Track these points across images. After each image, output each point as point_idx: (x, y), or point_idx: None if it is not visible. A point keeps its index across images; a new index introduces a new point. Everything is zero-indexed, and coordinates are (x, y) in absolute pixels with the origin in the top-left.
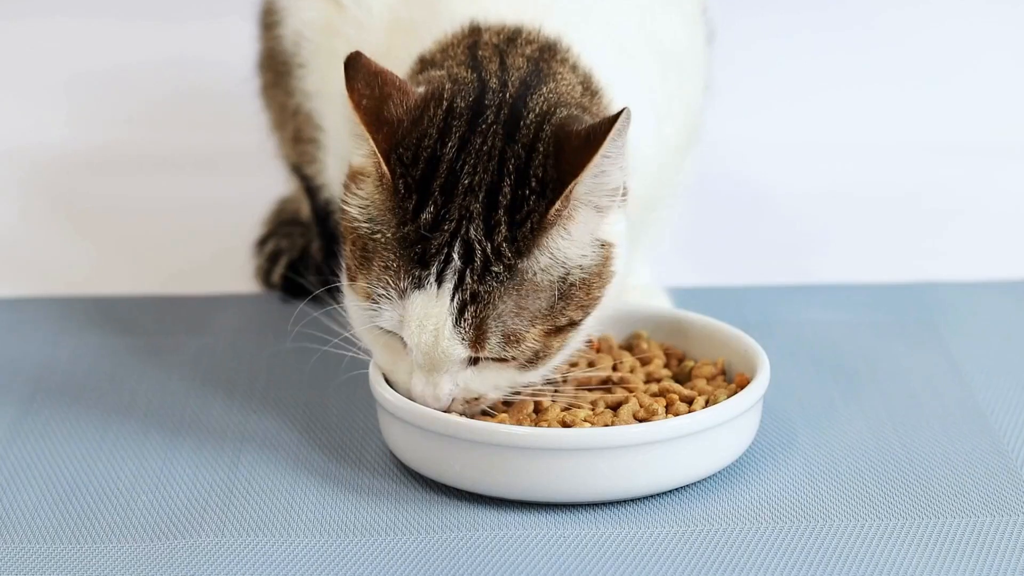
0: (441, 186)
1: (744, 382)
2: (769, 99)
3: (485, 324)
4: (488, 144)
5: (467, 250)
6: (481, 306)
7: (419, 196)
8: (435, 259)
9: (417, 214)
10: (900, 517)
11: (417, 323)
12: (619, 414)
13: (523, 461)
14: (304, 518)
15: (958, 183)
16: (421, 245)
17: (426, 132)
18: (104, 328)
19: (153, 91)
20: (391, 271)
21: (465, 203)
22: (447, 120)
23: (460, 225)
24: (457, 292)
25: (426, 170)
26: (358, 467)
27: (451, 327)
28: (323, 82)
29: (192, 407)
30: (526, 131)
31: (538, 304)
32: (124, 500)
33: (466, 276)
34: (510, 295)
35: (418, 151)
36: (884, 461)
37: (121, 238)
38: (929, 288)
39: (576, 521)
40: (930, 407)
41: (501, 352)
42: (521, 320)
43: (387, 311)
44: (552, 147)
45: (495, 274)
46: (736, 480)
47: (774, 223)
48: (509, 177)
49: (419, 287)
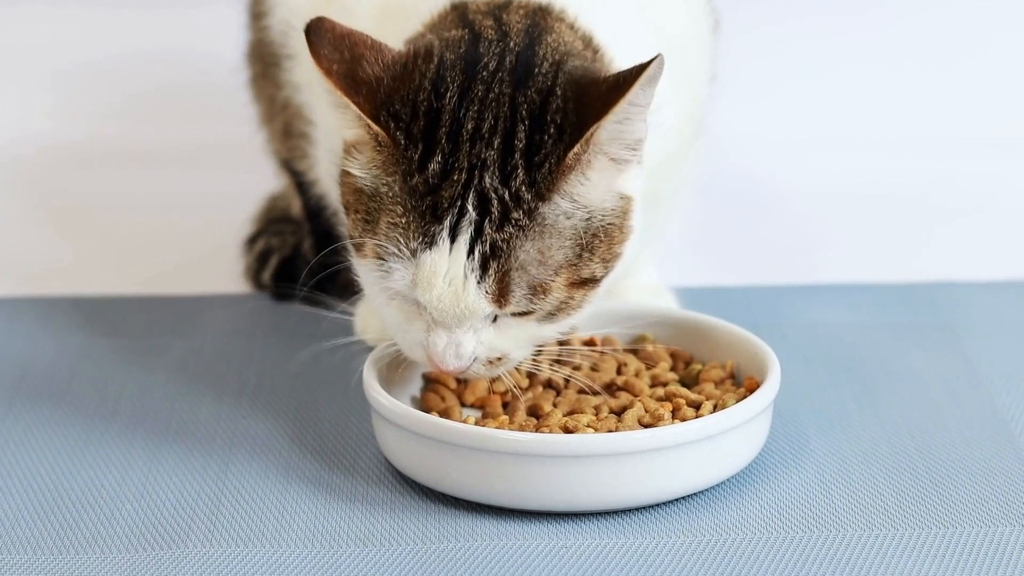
0: (447, 135)
1: (754, 386)
2: (780, 94)
3: (509, 277)
4: (494, 92)
5: (482, 200)
6: (504, 259)
7: (424, 146)
8: (448, 211)
9: (424, 164)
10: (916, 527)
11: (430, 281)
12: (623, 419)
13: (524, 468)
14: (295, 528)
15: (975, 179)
16: (432, 197)
17: (419, 85)
18: (87, 330)
19: (137, 83)
20: (400, 227)
21: (476, 151)
22: (439, 72)
23: (472, 174)
24: (476, 246)
25: (427, 122)
26: (352, 474)
27: (474, 283)
28: (313, 73)
29: (179, 412)
30: (541, 78)
31: (563, 252)
32: (108, 509)
33: (484, 228)
34: (533, 242)
35: (415, 105)
36: (899, 468)
37: (105, 236)
38: (945, 288)
39: (579, 531)
40: (947, 411)
41: (527, 305)
42: (546, 269)
43: (398, 270)
44: (572, 92)
45: (515, 221)
46: (745, 488)
47: (785, 220)
48: (523, 123)
49: (432, 243)
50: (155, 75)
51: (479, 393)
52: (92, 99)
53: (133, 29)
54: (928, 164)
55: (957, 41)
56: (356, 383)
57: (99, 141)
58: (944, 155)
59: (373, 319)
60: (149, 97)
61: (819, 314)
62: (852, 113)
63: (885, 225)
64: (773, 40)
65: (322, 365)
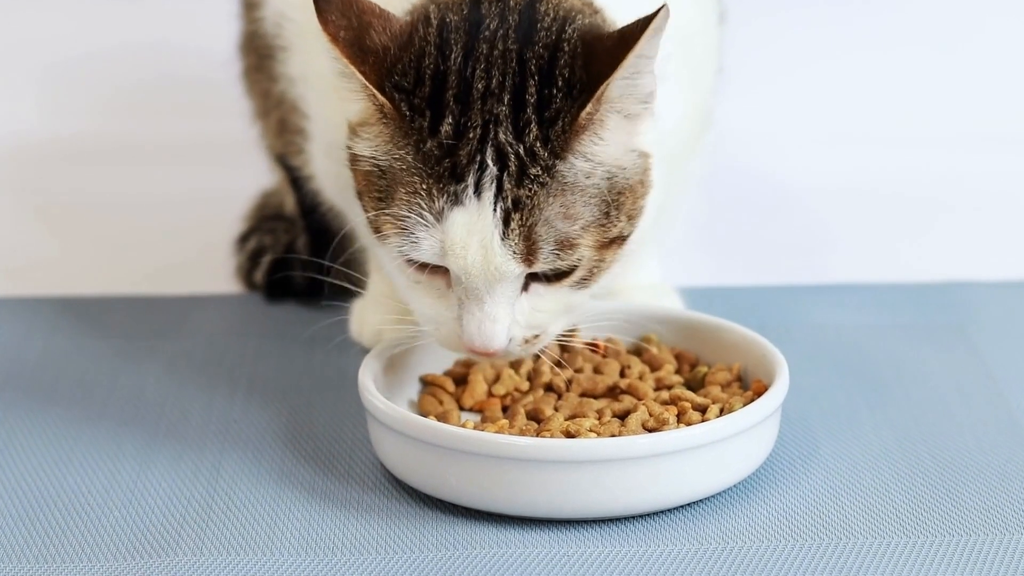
0: (455, 96)
1: (761, 389)
2: (788, 89)
3: (534, 232)
4: (499, 48)
5: (500, 154)
6: (526, 212)
7: (432, 111)
8: (468, 169)
9: (436, 128)
10: (929, 534)
11: (461, 243)
12: (627, 424)
13: (524, 474)
14: (289, 535)
15: (989, 176)
16: (450, 158)
17: (422, 51)
18: (73, 330)
19: (126, 77)
20: (421, 194)
21: (487, 107)
22: (442, 35)
23: (487, 129)
24: (498, 200)
25: (433, 85)
26: (347, 480)
27: (499, 240)
28: (307, 66)
29: (168, 415)
30: (546, 33)
31: (588, 210)
32: (95, 515)
33: (504, 182)
34: (555, 198)
35: (419, 70)
36: (911, 474)
37: (92, 233)
38: (959, 288)
39: (581, 539)
40: (961, 415)
41: (555, 262)
42: (571, 225)
43: (425, 239)
44: (580, 48)
45: (534, 176)
46: (753, 494)
47: (793, 219)
48: (532, 78)
49: (457, 203)
50: (144, 68)
51: (477, 397)
52: (79, 94)
53: (121, 20)
54: (941, 161)
55: (973, 35)
56: (351, 386)
57: (87, 137)
58: (957, 152)
59: (369, 320)
60: (138, 91)
61: (828, 315)
62: (862, 109)
63: (896, 223)
64: (781, 32)
65: (317, 367)
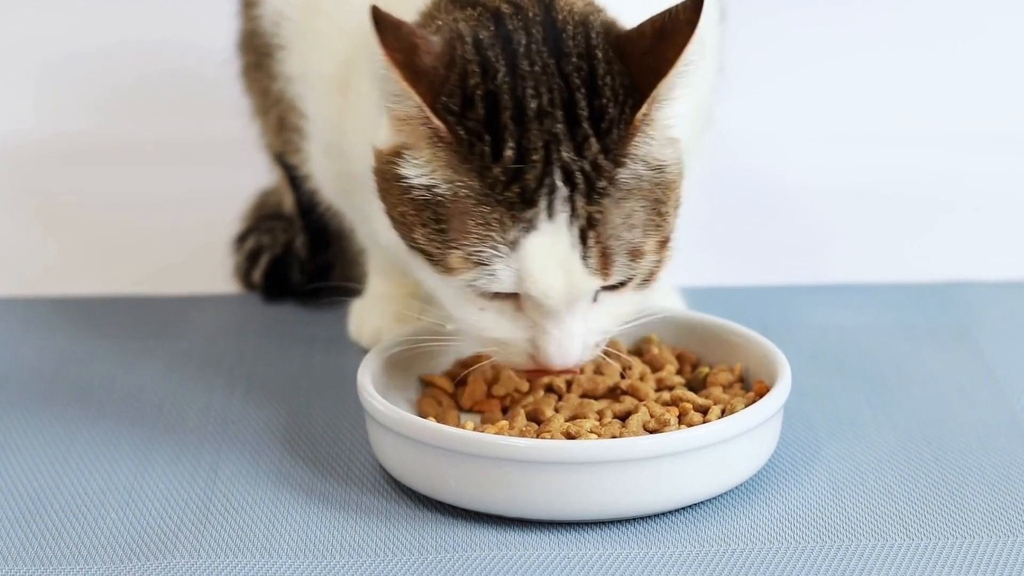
0: (512, 117)
1: (763, 390)
2: (789, 88)
3: (608, 247)
4: (539, 64)
5: (567, 173)
6: (600, 228)
7: (492, 135)
8: (539, 192)
9: (498, 152)
10: (932, 536)
11: (541, 269)
12: (627, 425)
13: (524, 476)
14: (287, 537)
15: (991, 176)
16: (517, 184)
17: (466, 71)
18: (71, 331)
19: (123, 75)
20: (493, 225)
21: (545, 127)
22: (481, 53)
23: (549, 150)
24: (574, 220)
25: (487, 107)
26: (345, 482)
27: (580, 260)
28: (305, 65)
29: (166, 416)
30: (573, 43)
31: (646, 212)
32: (92, 517)
33: (576, 200)
34: (622, 209)
35: (467, 92)
36: (914, 475)
37: (90, 234)
38: (962, 288)
39: (582, 541)
40: (964, 416)
41: (628, 272)
42: (638, 233)
43: (502, 270)
44: (612, 52)
45: (602, 191)
46: (754, 496)
47: (795, 218)
48: (579, 91)
49: (531, 228)
50: (143, 67)
51: (477, 397)
52: (77, 93)
53: (120, 19)
54: (942, 160)
55: (974, 34)
56: (350, 386)
57: (84, 136)
58: (959, 151)
59: (368, 320)
60: (136, 90)
61: (830, 315)
62: (864, 108)
63: (898, 223)
64: (782, 32)
65: (315, 368)
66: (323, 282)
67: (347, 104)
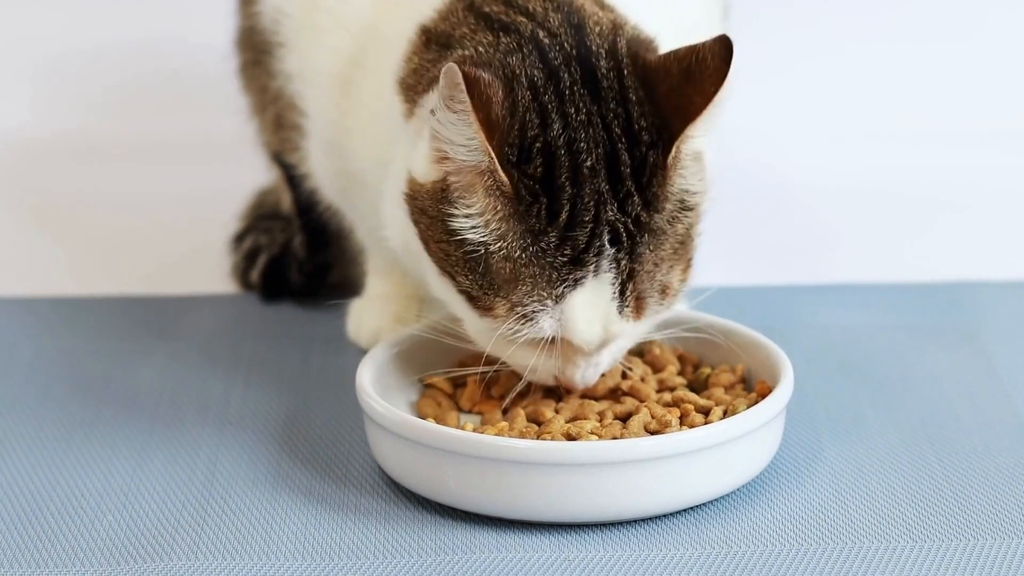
0: (568, 177)
1: (765, 391)
2: (792, 85)
3: (643, 292)
4: (583, 112)
5: (613, 233)
6: (637, 279)
7: (547, 195)
8: (587, 254)
9: (553, 218)
10: (936, 538)
11: (584, 320)
12: (628, 426)
13: (524, 477)
14: (285, 540)
15: (996, 175)
16: (569, 246)
17: (525, 121)
18: (67, 332)
19: (120, 73)
20: (541, 284)
21: (595, 186)
22: (537, 99)
23: (599, 210)
24: (617, 277)
25: (543, 162)
26: (344, 483)
27: (616, 310)
28: (305, 62)
29: (163, 418)
30: (607, 82)
31: (676, 246)
32: (88, 519)
33: (621, 259)
34: (656, 253)
35: (525, 142)
36: (918, 476)
37: (85, 234)
38: (966, 288)
39: (582, 543)
40: (968, 417)
41: (658, 310)
42: (666, 269)
43: (545, 322)
44: (642, 89)
45: (642, 243)
46: (757, 498)
47: (798, 217)
48: (620, 141)
49: (577, 286)
50: (138, 64)
51: (476, 399)
52: (72, 90)
53: (115, 16)
54: (948, 159)
55: (981, 30)
56: (349, 387)
57: (79, 134)
58: (964, 150)
59: (367, 321)
60: (131, 88)
61: (834, 315)
62: (868, 106)
63: (903, 223)
64: (782, 27)
65: (314, 369)
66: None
67: (349, 102)
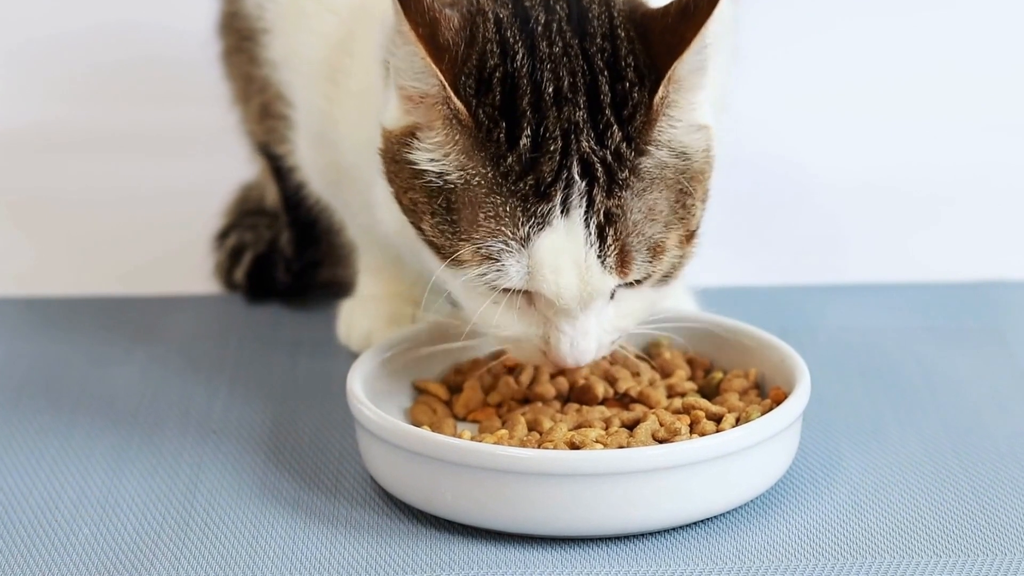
0: (530, 103)
1: (780, 397)
2: (809, 76)
3: (628, 243)
4: (559, 45)
5: (585, 165)
6: (619, 223)
7: (507, 121)
8: (554, 186)
9: (513, 141)
10: (960, 553)
11: (552, 267)
12: (636, 434)
13: (525, 488)
14: (271, 554)
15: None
16: (532, 175)
17: (485, 51)
18: (41, 334)
19: (94, 59)
20: (504, 217)
21: (564, 115)
22: (500, 32)
23: (568, 139)
24: (590, 216)
25: (503, 91)
26: (334, 495)
27: (595, 258)
28: (291, 49)
29: (142, 425)
30: (597, 21)
31: (669, 204)
32: (63, 532)
33: (595, 195)
34: (643, 201)
35: (483, 73)
36: (942, 487)
37: (59, 231)
38: (993, 287)
39: (586, 558)
40: (995, 425)
41: (647, 270)
42: (659, 227)
43: (511, 266)
44: (634, 31)
45: (623, 183)
46: (771, 510)
47: (815, 214)
48: (602, 74)
49: (545, 225)
50: (113, 50)
51: (472, 405)
52: (42, 78)
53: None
54: (972, 154)
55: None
56: (339, 393)
57: (51, 126)
58: (990, 145)
59: (358, 322)
60: (106, 75)
61: (852, 317)
62: (890, 99)
63: (925, 219)
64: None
65: (302, 373)
66: (310, 282)
67: (338, 90)
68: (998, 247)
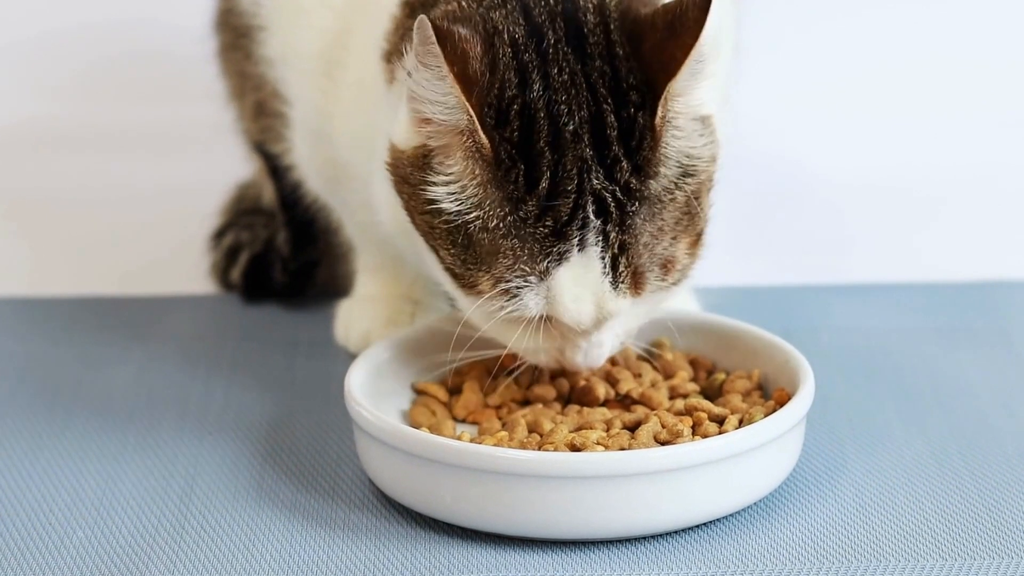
0: (548, 142)
1: (784, 398)
2: (812, 74)
3: (640, 264)
4: (566, 71)
5: (599, 203)
6: (632, 252)
7: (525, 161)
8: (571, 226)
9: (532, 185)
10: (967, 556)
11: (572, 297)
12: (637, 436)
13: (525, 491)
14: (268, 557)
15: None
16: (550, 217)
17: (504, 79)
18: (35, 334)
19: (88, 56)
20: (523, 257)
21: (577, 152)
22: (517, 56)
23: (582, 177)
24: (606, 250)
25: (521, 124)
26: (332, 498)
27: (610, 287)
28: (287, 45)
29: (138, 426)
30: (594, 39)
31: (676, 215)
32: (57, 535)
33: (609, 231)
34: (654, 223)
35: (503, 103)
36: (948, 490)
37: (53, 231)
38: (999, 287)
39: (587, 562)
40: (1001, 426)
41: (660, 286)
42: (668, 241)
43: (530, 299)
44: (628, 47)
45: (633, 213)
46: (775, 513)
47: (819, 213)
48: (606, 102)
49: (562, 261)
50: (107, 46)
51: (472, 407)
52: (35, 75)
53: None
54: (979, 152)
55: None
56: (337, 394)
57: (44, 123)
58: (997, 143)
59: (356, 323)
60: (100, 72)
61: (857, 317)
62: (896, 98)
63: (932, 219)
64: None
65: (299, 374)
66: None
67: (334, 86)
68: (1004, 247)
